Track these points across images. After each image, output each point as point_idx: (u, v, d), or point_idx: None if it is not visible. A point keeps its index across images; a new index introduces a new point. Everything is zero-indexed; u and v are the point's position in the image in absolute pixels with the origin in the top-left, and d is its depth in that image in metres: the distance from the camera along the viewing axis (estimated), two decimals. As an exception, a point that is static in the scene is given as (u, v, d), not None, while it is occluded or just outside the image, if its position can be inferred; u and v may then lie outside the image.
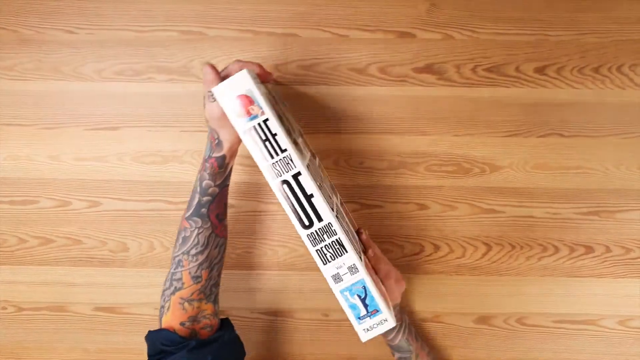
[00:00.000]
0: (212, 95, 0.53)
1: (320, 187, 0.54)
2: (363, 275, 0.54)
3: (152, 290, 0.74)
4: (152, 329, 0.59)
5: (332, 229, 0.53)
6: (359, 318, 0.55)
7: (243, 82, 0.51)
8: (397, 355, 0.67)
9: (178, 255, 0.58)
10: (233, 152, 0.58)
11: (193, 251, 0.57)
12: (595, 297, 0.73)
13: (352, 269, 0.54)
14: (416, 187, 0.71)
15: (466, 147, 0.70)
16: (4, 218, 0.73)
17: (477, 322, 0.74)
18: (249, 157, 0.71)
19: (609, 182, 0.70)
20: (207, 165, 0.57)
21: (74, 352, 0.76)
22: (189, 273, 0.57)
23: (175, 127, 0.71)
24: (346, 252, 0.53)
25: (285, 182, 0.52)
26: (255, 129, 0.52)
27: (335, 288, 0.54)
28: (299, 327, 0.75)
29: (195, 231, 0.58)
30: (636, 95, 0.68)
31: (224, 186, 0.59)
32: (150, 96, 0.70)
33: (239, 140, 0.57)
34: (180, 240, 0.58)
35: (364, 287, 0.54)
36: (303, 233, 0.53)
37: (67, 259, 0.74)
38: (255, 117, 0.51)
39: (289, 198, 0.52)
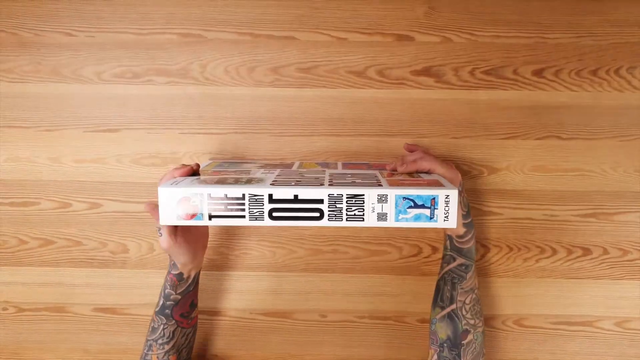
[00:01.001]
0: (159, 229, 0.58)
1: (299, 181, 0.54)
2: (390, 190, 0.52)
3: (152, 291, 0.74)
4: None
5: (335, 196, 0.52)
6: (431, 218, 0.53)
7: (169, 197, 0.51)
8: (454, 263, 0.64)
9: (149, 340, 0.65)
10: (189, 270, 0.63)
11: (160, 341, 0.64)
12: (593, 299, 0.73)
13: (382, 198, 0.52)
14: (414, 189, 0.71)
15: (464, 150, 0.70)
16: (5, 219, 0.73)
17: (474, 323, 0.75)
18: (249, 159, 0.71)
19: (606, 184, 0.70)
20: (168, 278, 0.63)
21: (74, 352, 0.76)
22: (157, 357, 0.65)
23: (174, 129, 0.71)
24: (363, 195, 0.52)
25: (271, 211, 0.52)
26: (210, 215, 0.52)
27: (391, 223, 0.53)
28: (297, 328, 0.75)
29: (162, 326, 0.64)
30: (634, 97, 0.68)
31: (187, 292, 0.64)
32: (150, 98, 0.70)
33: (193, 263, 0.63)
34: (150, 328, 0.65)
35: (404, 197, 0.52)
36: (326, 224, 0.53)
37: (67, 260, 0.74)
38: (200, 215, 0.52)
39: (287, 217, 0.52)
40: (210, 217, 0.52)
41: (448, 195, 0.52)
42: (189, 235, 0.61)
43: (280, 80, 0.69)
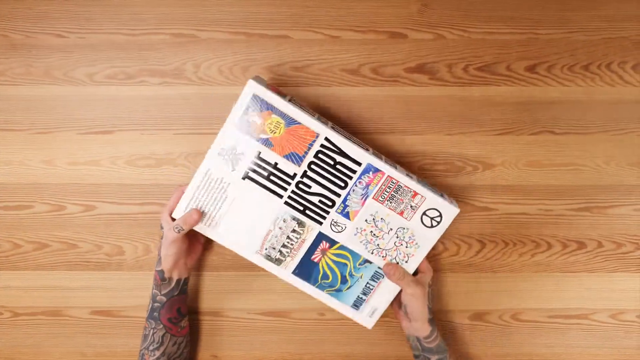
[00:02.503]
0: (179, 227, 0.62)
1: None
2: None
3: (149, 293, 0.74)
4: None
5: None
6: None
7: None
8: (434, 358, 0.66)
9: (142, 350, 0.67)
10: (172, 271, 0.65)
11: (151, 347, 0.66)
12: (588, 292, 0.74)
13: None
14: (410, 186, 0.71)
15: (459, 146, 0.70)
16: (-2, 224, 0.73)
17: (472, 318, 0.75)
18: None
19: (599, 178, 0.71)
20: (154, 275, 0.66)
21: (71, 356, 0.76)
22: None
23: (168, 130, 0.70)
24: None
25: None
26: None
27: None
28: (296, 327, 0.75)
29: (151, 331, 0.66)
30: (625, 92, 0.69)
31: (171, 296, 0.66)
32: (143, 99, 0.70)
33: (176, 264, 0.65)
34: (142, 337, 0.67)
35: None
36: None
37: (62, 263, 0.74)
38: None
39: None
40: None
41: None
42: (185, 237, 0.64)
43: (274, 79, 0.69)
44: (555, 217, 0.72)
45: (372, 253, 0.64)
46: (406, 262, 0.65)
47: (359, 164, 0.60)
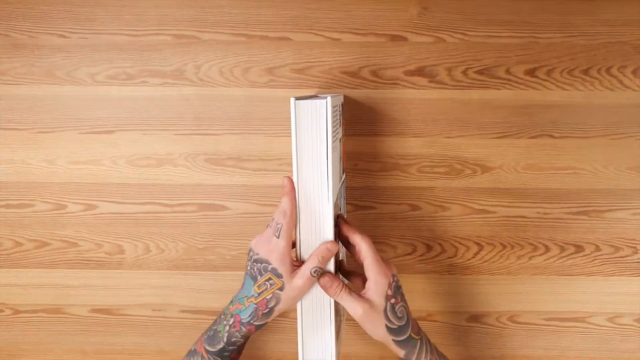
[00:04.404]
0: (318, 270, 0.48)
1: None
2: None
3: (148, 292, 0.75)
4: None
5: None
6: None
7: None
8: None
9: None
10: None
11: None
12: (585, 295, 0.74)
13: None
14: (409, 188, 0.72)
15: (458, 149, 0.71)
16: (0, 222, 0.73)
17: (469, 320, 0.75)
18: (244, 160, 0.71)
19: (598, 182, 0.71)
20: (243, 329, 0.52)
21: (71, 353, 0.77)
22: None
23: (169, 131, 0.71)
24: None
25: None
26: None
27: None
28: (295, 326, 0.75)
29: None
30: (624, 96, 0.69)
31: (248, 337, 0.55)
32: (144, 100, 0.70)
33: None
34: None
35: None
36: None
37: (63, 261, 0.74)
38: None
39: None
40: None
41: None
42: None
43: (274, 81, 0.69)
44: (554, 221, 0.72)
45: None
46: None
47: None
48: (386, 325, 0.51)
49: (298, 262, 0.50)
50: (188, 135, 0.71)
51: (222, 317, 0.55)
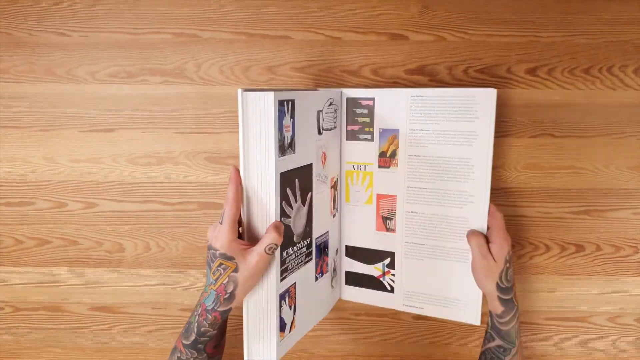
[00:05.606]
0: (272, 247, 0.51)
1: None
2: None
3: (148, 290, 0.75)
4: None
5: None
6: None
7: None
8: (493, 343, 0.60)
9: None
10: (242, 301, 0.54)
11: None
12: (586, 295, 0.74)
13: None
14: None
15: (458, 148, 0.71)
16: (1, 219, 0.73)
17: (469, 319, 0.75)
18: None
19: (599, 181, 0.71)
20: (209, 316, 0.53)
21: (71, 351, 0.77)
22: None
23: (169, 129, 0.71)
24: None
25: None
26: None
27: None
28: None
29: (191, 358, 0.57)
30: (626, 95, 0.69)
31: (221, 327, 0.57)
32: (145, 98, 0.70)
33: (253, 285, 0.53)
34: (176, 358, 0.58)
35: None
36: None
37: (63, 259, 0.74)
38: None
39: None
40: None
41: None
42: None
43: (275, 79, 0.69)
44: (554, 220, 0.72)
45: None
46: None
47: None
48: (497, 283, 0.58)
49: (248, 244, 0.52)
50: (188, 133, 0.71)
51: (195, 309, 0.56)
